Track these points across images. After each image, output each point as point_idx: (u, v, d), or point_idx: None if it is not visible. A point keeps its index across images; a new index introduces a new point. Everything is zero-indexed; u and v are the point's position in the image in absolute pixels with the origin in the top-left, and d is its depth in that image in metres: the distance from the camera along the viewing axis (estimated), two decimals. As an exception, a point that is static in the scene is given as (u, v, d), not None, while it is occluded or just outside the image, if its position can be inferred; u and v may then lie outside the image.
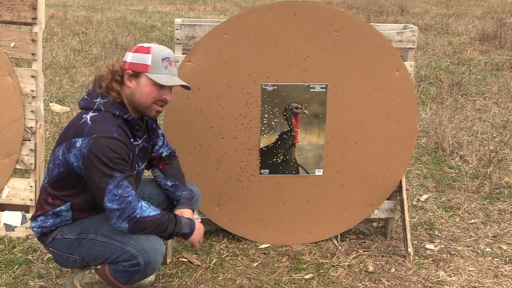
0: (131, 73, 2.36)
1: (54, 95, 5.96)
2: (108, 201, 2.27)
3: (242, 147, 3.12)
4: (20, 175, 3.87)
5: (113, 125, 2.31)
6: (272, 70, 3.02)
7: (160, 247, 2.39)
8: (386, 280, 2.92)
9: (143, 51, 2.36)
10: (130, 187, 2.29)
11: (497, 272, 3.03)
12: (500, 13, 12.56)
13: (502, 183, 4.13)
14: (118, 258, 2.37)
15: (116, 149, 2.26)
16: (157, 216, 2.34)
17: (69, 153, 2.30)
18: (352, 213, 3.26)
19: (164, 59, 2.36)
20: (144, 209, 2.32)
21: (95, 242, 2.40)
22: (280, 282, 2.89)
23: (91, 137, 2.25)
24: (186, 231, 2.44)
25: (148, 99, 2.38)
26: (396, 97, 3.11)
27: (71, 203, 2.41)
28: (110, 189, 2.25)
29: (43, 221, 2.45)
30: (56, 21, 10.77)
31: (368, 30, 3.01)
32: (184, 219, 2.46)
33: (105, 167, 2.24)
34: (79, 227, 2.44)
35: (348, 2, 14.15)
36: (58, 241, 2.44)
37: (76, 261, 2.46)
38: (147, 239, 2.36)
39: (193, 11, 13.12)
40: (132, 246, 2.34)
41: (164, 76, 2.37)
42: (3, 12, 3.07)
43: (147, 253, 2.34)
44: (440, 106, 5.93)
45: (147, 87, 2.36)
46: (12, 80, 3.11)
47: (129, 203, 2.27)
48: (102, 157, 2.23)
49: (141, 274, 2.40)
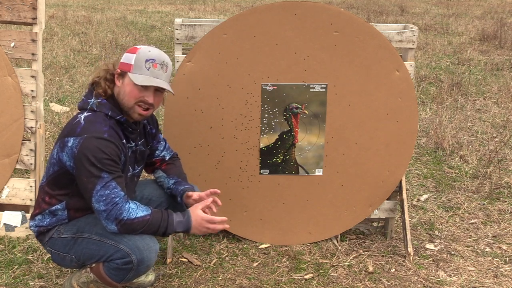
0: (119, 72, 2.38)
1: (54, 95, 5.96)
2: (95, 201, 2.27)
3: (242, 147, 3.12)
4: (20, 175, 3.87)
5: (104, 126, 2.31)
6: (272, 70, 3.02)
7: (153, 244, 2.38)
8: (386, 280, 2.92)
9: (131, 51, 2.37)
10: (119, 188, 2.28)
11: (497, 272, 3.03)
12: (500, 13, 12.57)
13: (502, 183, 4.13)
14: (111, 256, 2.37)
15: (105, 150, 2.25)
16: (146, 217, 2.32)
17: (62, 152, 2.32)
18: (352, 213, 3.26)
19: (148, 60, 2.34)
20: (131, 211, 2.30)
21: (89, 241, 2.41)
22: (280, 282, 2.89)
23: (82, 137, 2.26)
24: (180, 230, 2.40)
25: (130, 99, 2.37)
26: (396, 97, 3.11)
27: (66, 202, 2.42)
28: (97, 189, 2.25)
29: (40, 220, 2.46)
30: (56, 21, 10.77)
31: (368, 30, 3.01)
32: (178, 217, 2.40)
33: (93, 168, 2.24)
34: (74, 226, 2.45)
35: (348, 2, 14.15)
36: (55, 240, 2.45)
37: (73, 260, 2.47)
38: (140, 237, 2.35)
39: (193, 11, 13.13)
40: (125, 244, 2.34)
41: (142, 76, 2.33)
42: (3, 12, 3.07)
43: (140, 251, 2.34)
44: (440, 106, 5.93)
45: (128, 87, 2.36)
46: (12, 80, 3.11)
47: (115, 204, 2.27)
48: (90, 157, 2.24)
49: (134, 272, 2.40)
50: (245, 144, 3.12)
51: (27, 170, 3.45)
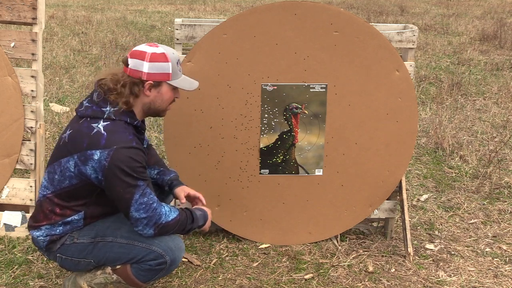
0: (152, 83, 2.32)
1: (54, 95, 5.96)
2: (135, 210, 2.26)
3: (242, 147, 3.12)
4: (20, 175, 3.87)
5: (129, 134, 2.28)
6: (272, 70, 3.02)
7: (182, 244, 2.46)
8: (386, 280, 2.92)
9: (161, 60, 2.30)
10: (152, 193, 2.31)
11: (497, 272, 3.03)
12: (500, 13, 12.57)
13: (502, 183, 4.13)
14: (143, 258, 2.39)
15: (137, 158, 2.25)
16: (177, 217, 2.38)
17: (85, 165, 2.25)
18: (352, 213, 3.26)
19: (178, 62, 2.38)
20: (167, 214, 2.35)
21: (114, 245, 2.40)
22: (280, 282, 2.89)
23: (111, 149, 2.21)
24: (201, 223, 2.51)
25: (167, 103, 2.42)
26: (396, 97, 3.11)
27: (85, 212, 2.38)
28: (136, 198, 2.25)
29: (49, 229, 2.39)
30: (56, 21, 10.77)
31: (368, 30, 3.01)
32: (198, 211, 2.51)
33: (129, 178, 2.22)
34: (92, 230, 2.41)
35: (348, 2, 14.15)
36: (68, 246, 2.41)
37: (90, 264, 2.45)
38: (170, 238, 2.41)
39: (193, 11, 13.13)
40: (158, 246, 2.38)
41: (182, 81, 2.40)
42: (3, 12, 3.07)
43: (173, 251, 2.40)
44: (440, 106, 5.93)
45: (168, 94, 2.38)
46: (12, 80, 3.11)
47: (154, 209, 2.29)
48: (125, 168, 2.21)
49: (165, 272, 2.45)
50: (245, 144, 3.12)
51: (27, 170, 3.45)
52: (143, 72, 2.29)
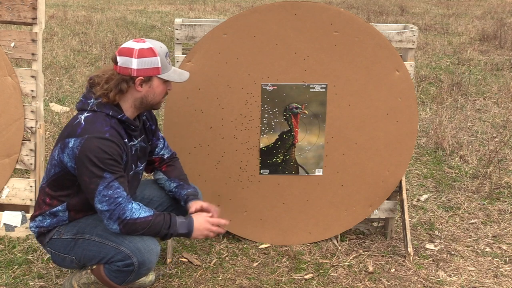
0: (143, 79, 2.34)
1: (54, 95, 5.96)
2: (98, 202, 2.27)
3: (242, 147, 3.12)
4: (20, 175, 3.87)
5: (105, 126, 2.30)
6: (272, 70, 3.02)
7: (154, 246, 2.37)
8: (386, 280, 2.92)
9: (149, 55, 2.31)
10: (121, 188, 2.28)
11: (497, 272, 3.03)
12: (500, 13, 12.57)
13: (502, 183, 4.13)
14: (112, 258, 2.36)
15: (107, 150, 2.25)
16: (148, 217, 2.32)
17: (63, 153, 2.31)
18: (352, 213, 3.26)
19: (166, 54, 2.39)
20: (134, 211, 2.30)
21: (90, 242, 2.40)
22: (280, 282, 2.89)
23: (83, 138, 2.25)
24: (182, 231, 2.39)
25: (160, 96, 2.42)
26: (396, 97, 3.11)
27: (67, 203, 2.41)
28: (100, 190, 2.25)
29: (40, 221, 2.45)
30: (56, 21, 10.77)
31: (368, 30, 3.01)
32: (180, 219, 2.41)
33: (95, 168, 2.24)
34: (75, 227, 2.44)
35: (348, 2, 14.15)
36: (55, 241, 2.45)
37: (73, 261, 2.46)
38: (141, 239, 2.35)
39: (193, 11, 13.12)
40: (126, 246, 2.33)
41: (172, 73, 2.40)
42: (3, 12, 3.07)
43: (141, 253, 2.34)
44: (440, 106, 5.93)
45: (159, 87, 2.39)
46: (12, 80, 3.11)
47: (118, 204, 2.27)
48: (93, 158, 2.23)
49: (135, 274, 2.39)
50: (245, 144, 3.12)
51: (27, 170, 3.45)
52: (132, 68, 2.31)
